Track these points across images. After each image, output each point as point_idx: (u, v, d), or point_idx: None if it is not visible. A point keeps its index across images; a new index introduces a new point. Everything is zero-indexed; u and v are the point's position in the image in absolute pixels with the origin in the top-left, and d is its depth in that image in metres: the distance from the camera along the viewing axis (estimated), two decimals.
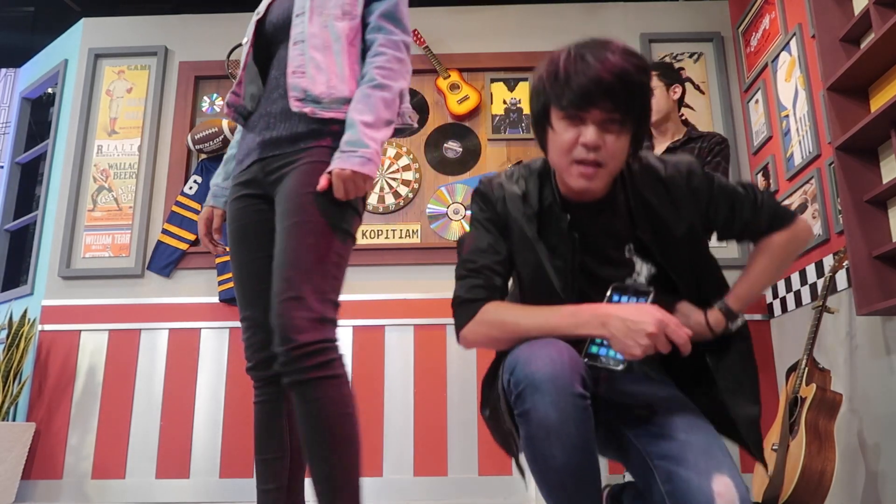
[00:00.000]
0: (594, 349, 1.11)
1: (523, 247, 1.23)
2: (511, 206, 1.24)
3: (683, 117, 2.68)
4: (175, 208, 3.41)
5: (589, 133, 1.11)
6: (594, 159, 1.12)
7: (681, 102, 2.53)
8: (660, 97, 2.45)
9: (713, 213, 1.26)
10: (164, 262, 3.35)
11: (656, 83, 2.45)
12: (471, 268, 1.23)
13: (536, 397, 1.03)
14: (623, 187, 1.24)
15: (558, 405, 1.02)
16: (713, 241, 1.32)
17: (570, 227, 1.21)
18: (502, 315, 1.18)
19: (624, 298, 1.14)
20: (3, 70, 4.27)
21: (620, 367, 1.09)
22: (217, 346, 3.27)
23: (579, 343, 1.12)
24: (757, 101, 3.25)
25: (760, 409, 1.22)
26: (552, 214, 1.23)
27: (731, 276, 1.23)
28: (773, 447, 2.27)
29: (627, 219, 1.23)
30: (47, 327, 3.31)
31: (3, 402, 3.02)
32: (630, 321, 1.06)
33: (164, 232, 3.38)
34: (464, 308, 1.22)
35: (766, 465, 1.30)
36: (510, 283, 1.31)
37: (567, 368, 1.03)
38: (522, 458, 1.18)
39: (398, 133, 1.54)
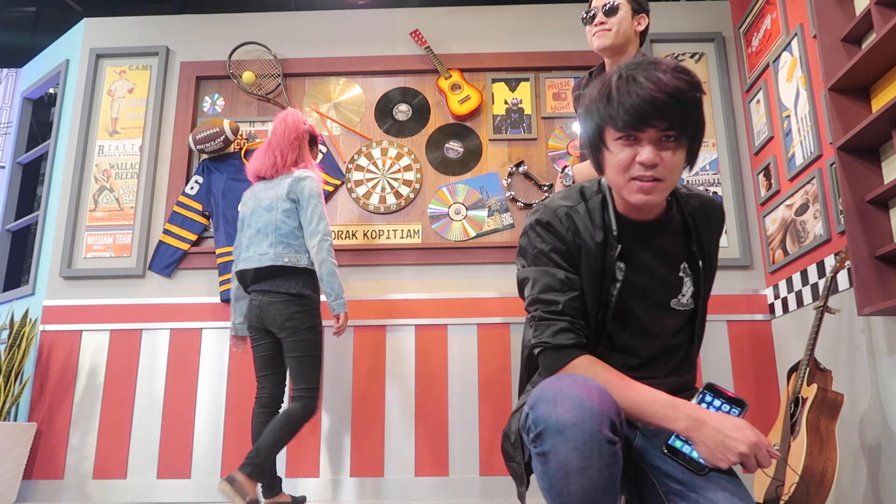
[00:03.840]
0: (678, 444, 1.10)
1: (588, 272, 1.22)
2: (584, 234, 1.22)
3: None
4: (176, 208, 3.42)
5: (646, 153, 1.11)
6: (652, 176, 1.13)
7: (643, 37, 2.42)
8: (625, 18, 2.31)
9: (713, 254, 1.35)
10: (166, 262, 3.36)
11: (624, 4, 2.33)
12: (553, 310, 1.19)
13: (558, 440, 1.00)
14: (679, 207, 1.27)
15: (583, 451, 0.98)
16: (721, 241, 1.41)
17: (619, 256, 1.22)
18: (594, 378, 1.14)
19: (716, 402, 1.12)
20: (5, 70, 4.27)
21: (700, 472, 1.08)
22: (218, 346, 3.27)
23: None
24: (758, 102, 3.25)
25: None
26: (608, 242, 1.23)
27: (731, 275, 1.24)
28: (775, 447, 2.27)
29: (682, 237, 1.27)
30: (48, 327, 3.31)
31: (5, 402, 3.03)
32: (724, 435, 1.04)
33: (166, 232, 3.39)
34: (553, 356, 1.19)
35: None
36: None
37: (595, 412, 1.00)
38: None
39: None
